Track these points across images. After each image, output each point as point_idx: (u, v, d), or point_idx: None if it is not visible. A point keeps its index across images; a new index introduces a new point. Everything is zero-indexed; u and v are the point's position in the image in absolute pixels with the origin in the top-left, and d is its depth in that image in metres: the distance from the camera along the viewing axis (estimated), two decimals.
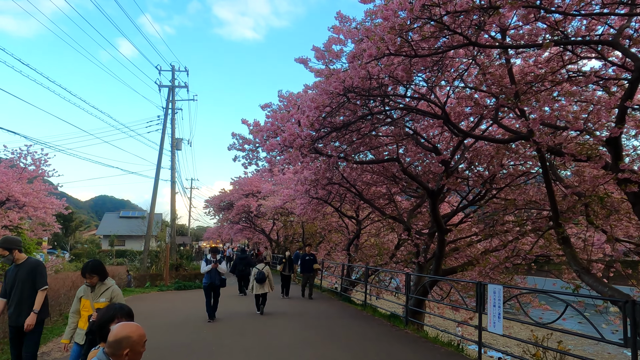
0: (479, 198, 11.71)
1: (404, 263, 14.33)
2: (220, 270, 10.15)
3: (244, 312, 11.75)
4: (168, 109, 27.48)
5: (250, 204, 26.62)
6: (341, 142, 8.38)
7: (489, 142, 10.66)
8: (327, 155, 8.31)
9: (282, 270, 15.12)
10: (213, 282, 10.03)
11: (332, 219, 21.59)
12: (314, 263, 14.41)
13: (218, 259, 10.23)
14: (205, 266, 10.19)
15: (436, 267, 10.91)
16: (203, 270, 10.22)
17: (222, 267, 10.25)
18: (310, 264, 14.30)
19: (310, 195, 15.48)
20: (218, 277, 10.11)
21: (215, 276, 10.07)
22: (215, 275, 10.08)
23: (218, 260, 10.19)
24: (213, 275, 10.06)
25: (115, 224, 44.45)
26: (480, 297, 7.65)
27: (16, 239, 5.28)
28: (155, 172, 25.94)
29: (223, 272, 10.22)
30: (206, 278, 10.15)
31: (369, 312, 12.39)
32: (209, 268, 10.06)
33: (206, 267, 10.13)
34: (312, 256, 14.52)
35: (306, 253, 14.68)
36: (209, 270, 10.07)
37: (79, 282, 12.21)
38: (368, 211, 18.91)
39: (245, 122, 9.12)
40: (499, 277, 10.04)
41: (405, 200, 17.22)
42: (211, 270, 10.06)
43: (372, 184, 14.72)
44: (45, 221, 19.61)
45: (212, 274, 10.06)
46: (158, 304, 13.56)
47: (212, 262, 10.09)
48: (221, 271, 10.18)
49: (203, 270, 10.22)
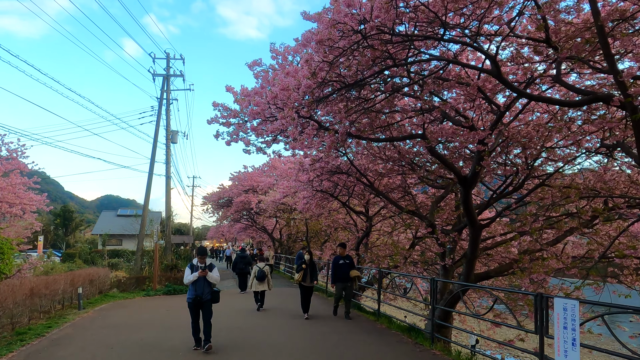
0: (514, 188, 9.70)
1: (422, 265, 12.24)
2: (210, 280, 7.33)
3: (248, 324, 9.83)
4: (163, 99, 25.66)
5: (250, 200, 24.75)
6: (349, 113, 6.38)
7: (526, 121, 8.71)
8: (334, 131, 6.37)
9: (302, 280, 10.59)
10: (199, 296, 7.21)
11: (338, 215, 19.63)
12: (351, 269, 10.51)
13: (208, 264, 7.38)
14: (190, 274, 7.26)
15: (467, 271, 8.93)
16: (187, 280, 7.28)
17: (214, 275, 7.35)
18: (347, 269, 10.43)
19: (313, 187, 13.54)
20: (208, 289, 7.34)
21: (204, 287, 7.28)
22: (203, 286, 7.27)
23: (208, 266, 7.34)
24: (200, 287, 7.24)
25: (112, 222, 42.79)
26: (540, 313, 5.70)
27: None
28: (149, 166, 24.17)
29: (215, 281, 7.42)
30: (191, 291, 7.30)
31: (384, 323, 10.43)
32: (193, 277, 7.17)
33: (190, 276, 7.21)
34: (349, 260, 10.58)
35: (339, 255, 10.66)
36: (194, 280, 7.22)
37: (41, 288, 10.36)
38: (379, 206, 16.96)
39: (230, 89, 7.19)
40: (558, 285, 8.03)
41: (421, 194, 15.22)
42: (197, 279, 7.22)
43: (384, 174, 12.75)
44: (24, 218, 17.88)
45: (199, 285, 7.24)
46: (136, 313, 11.67)
47: (199, 269, 7.21)
48: (212, 281, 7.36)
49: (187, 280, 7.28)
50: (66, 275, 12.51)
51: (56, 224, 59.51)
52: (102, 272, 15.31)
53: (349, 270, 10.46)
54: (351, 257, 10.71)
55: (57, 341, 8.14)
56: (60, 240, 54.12)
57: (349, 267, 10.50)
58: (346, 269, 10.44)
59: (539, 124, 8.61)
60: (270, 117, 6.11)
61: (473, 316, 7.39)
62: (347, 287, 10.49)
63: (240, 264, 16.57)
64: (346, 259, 10.54)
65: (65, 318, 10.50)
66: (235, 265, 16.84)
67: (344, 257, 10.56)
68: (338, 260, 10.58)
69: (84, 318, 10.69)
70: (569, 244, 10.63)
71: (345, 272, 10.42)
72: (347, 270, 10.45)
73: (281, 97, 5.27)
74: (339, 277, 10.47)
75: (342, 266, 10.46)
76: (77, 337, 8.47)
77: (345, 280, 10.45)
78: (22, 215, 17.35)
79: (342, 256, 10.60)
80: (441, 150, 9.23)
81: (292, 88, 5.11)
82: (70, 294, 12.32)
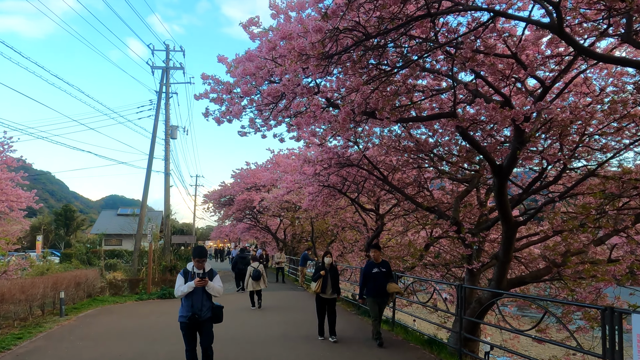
0: (552, 180, 8.47)
1: (442, 269, 10.95)
2: (211, 292, 5.32)
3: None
4: (162, 92, 24.59)
5: (252, 198, 23.57)
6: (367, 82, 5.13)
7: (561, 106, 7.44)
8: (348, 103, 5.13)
9: (321, 291, 8.05)
10: (197, 315, 5.16)
11: (346, 214, 18.41)
12: (389, 280, 7.80)
13: (208, 270, 5.39)
14: (182, 284, 5.22)
15: (499, 276, 7.69)
16: (178, 291, 5.24)
17: (215, 286, 5.35)
18: (384, 281, 7.72)
19: (320, 182, 12.33)
20: (207, 305, 5.30)
21: (202, 302, 5.24)
22: (201, 300, 5.24)
23: (208, 273, 5.36)
24: (198, 301, 5.21)
25: (111, 222, 41.68)
26: (611, 333, 4.50)
27: None
28: (147, 162, 23.04)
29: (217, 293, 5.39)
30: (185, 307, 5.24)
31: (400, 334, 9.20)
32: (187, 288, 5.14)
33: (183, 287, 5.18)
34: (386, 267, 7.88)
35: (372, 261, 7.90)
36: (188, 292, 5.19)
37: (16, 293, 9.24)
38: (390, 204, 15.73)
39: (222, 59, 6.00)
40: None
41: (437, 190, 13.97)
42: (194, 291, 5.19)
43: (398, 167, 11.52)
44: (10, 216, 16.81)
45: (197, 298, 5.21)
46: (123, 321, 10.50)
47: (196, 277, 5.19)
48: (214, 293, 5.35)
49: (178, 291, 5.24)
50: (47, 278, 11.38)
51: (57, 224, 58.74)
52: (91, 274, 14.18)
53: (385, 281, 7.70)
54: (389, 264, 8.03)
55: (22, 357, 6.98)
56: (61, 240, 53.26)
57: (386, 277, 7.76)
58: (382, 280, 7.68)
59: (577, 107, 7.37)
60: (268, 78, 4.89)
61: (515, 332, 6.16)
62: (384, 303, 7.97)
63: (240, 264, 16.45)
64: (382, 267, 7.78)
65: (42, 327, 9.36)
66: (235, 265, 16.84)
67: (379, 264, 7.81)
68: (371, 267, 7.77)
69: (63, 326, 9.54)
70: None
71: (381, 285, 7.66)
72: (383, 281, 7.68)
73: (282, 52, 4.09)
74: (373, 290, 7.70)
75: (376, 276, 7.69)
76: (46, 352, 7.31)
77: (381, 296, 7.73)
78: (8, 213, 16.28)
79: (375, 261, 7.86)
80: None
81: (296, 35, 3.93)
82: (53, 298, 11.19)
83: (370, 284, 7.79)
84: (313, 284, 8.22)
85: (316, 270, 8.40)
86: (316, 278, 8.17)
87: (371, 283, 7.77)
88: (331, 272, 8.26)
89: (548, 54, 6.98)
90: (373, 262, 7.91)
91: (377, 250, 8.09)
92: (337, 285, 8.29)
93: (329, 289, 8.11)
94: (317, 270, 8.37)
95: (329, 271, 8.20)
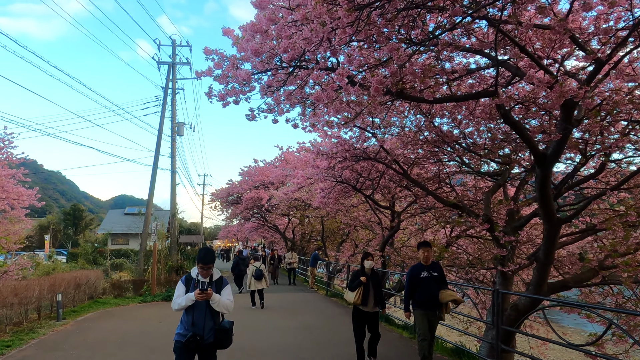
0: (595, 172, 7.59)
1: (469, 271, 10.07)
2: (217, 308, 4.10)
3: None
4: (168, 88, 23.98)
5: (261, 196, 22.83)
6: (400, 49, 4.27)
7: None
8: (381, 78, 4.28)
9: (362, 303, 6.46)
10: (198, 336, 3.99)
11: (358, 212, 17.58)
12: (442, 286, 6.05)
13: (216, 279, 4.21)
14: (182, 295, 4.11)
15: (539, 280, 6.82)
16: (176, 305, 4.09)
17: (224, 301, 4.14)
18: (435, 287, 6.00)
19: (333, 177, 11.54)
20: (211, 324, 4.10)
21: (205, 320, 4.07)
22: (204, 317, 4.07)
23: (216, 283, 4.18)
24: (200, 319, 4.06)
25: (118, 221, 41.26)
26: None
27: None
28: (153, 159, 22.44)
29: (226, 310, 4.16)
30: (183, 324, 4.11)
31: None
32: (186, 301, 4.02)
33: (181, 299, 4.07)
34: (438, 270, 6.16)
35: (420, 263, 6.21)
36: (186, 306, 4.06)
37: (8, 296, 8.58)
38: (406, 202, 14.88)
39: (228, 32, 5.23)
40: None
41: (458, 186, 13.08)
42: (195, 305, 4.05)
43: (417, 162, 10.67)
44: (11, 215, 16.25)
45: (198, 314, 4.06)
46: (123, 326, 9.79)
47: (199, 286, 4.03)
48: (221, 309, 4.14)
49: (176, 305, 4.09)
50: (43, 279, 10.73)
51: (66, 223, 58.64)
52: (93, 275, 13.52)
53: (437, 288, 5.97)
54: (441, 267, 6.30)
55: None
56: (69, 239, 53.10)
57: (438, 282, 6.01)
58: (433, 286, 5.96)
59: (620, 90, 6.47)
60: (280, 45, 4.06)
61: (570, 346, 5.28)
62: (435, 317, 6.06)
63: (241, 266, 16.17)
64: (432, 270, 6.08)
65: (36, 332, 8.67)
66: (236, 267, 16.42)
67: (428, 266, 6.10)
68: (419, 271, 6.09)
69: (59, 332, 8.85)
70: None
71: (433, 293, 5.94)
72: (434, 288, 5.96)
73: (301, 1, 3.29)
74: (422, 300, 6.02)
75: (426, 282, 5.99)
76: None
77: (432, 307, 5.98)
78: (9, 211, 15.70)
79: (425, 264, 6.13)
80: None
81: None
82: (50, 301, 10.54)
83: (418, 293, 6.07)
84: (350, 294, 6.58)
85: (354, 276, 6.73)
86: (355, 286, 6.48)
87: (420, 291, 6.05)
88: (373, 279, 6.59)
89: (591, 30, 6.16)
90: (421, 264, 6.18)
91: (427, 248, 6.21)
92: (381, 295, 6.71)
93: (370, 301, 6.47)
94: (355, 276, 6.70)
95: (370, 277, 6.55)
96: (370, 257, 6.73)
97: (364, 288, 6.45)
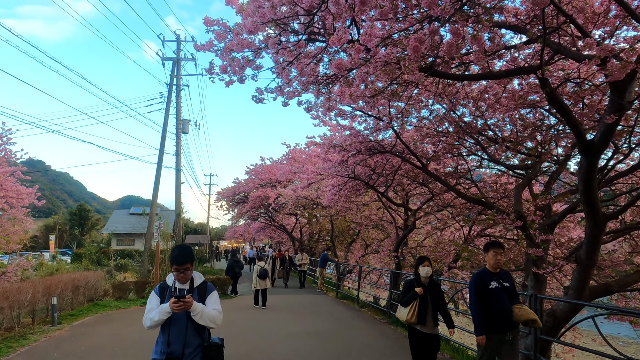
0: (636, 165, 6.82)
1: None
2: (201, 321, 3.08)
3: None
4: (172, 85, 23.44)
5: (268, 194, 22.18)
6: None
7: None
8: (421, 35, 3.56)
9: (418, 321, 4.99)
10: (178, 358, 3.06)
11: (370, 210, 16.86)
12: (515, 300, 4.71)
13: (198, 285, 3.24)
14: (154, 308, 3.14)
15: (581, 284, 6.08)
16: (147, 320, 3.13)
17: (208, 311, 3.12)
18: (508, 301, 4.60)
19: (346, 172, 10.83)
20: (195, 342, 3.14)
21: (186, 336, 3.10)
22: (184, 332, 3.10)
23: (198, 289, 3.23)
24: (178, 334, 3.10)
25: (123, 221, 40.80)
26: None
27: None
28: (158, 157, 21.89)
29: (212, 323, 3.13)
30: (160, 342, 3.14)
31: (447, 351, 7.66)
32: (159, 315, 3.07)
33: (154, 313, 3.10)
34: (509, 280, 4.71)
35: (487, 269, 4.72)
36: (161, 322, 3.09)
37: None
38: (420, 201, 14.14)
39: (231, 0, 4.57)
40: None
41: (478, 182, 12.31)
42: (173, 318, 3.09)
43: (437, 155, 9.93)
44: (11, 214, 15.73)
45: (176, 329, 3.10)
46: (121, 331, 9.15)
47: (177, 294, 3.04)
48: (206, 323, 3.10)
49: (147, 320, 3.13)
50: (37, 281, 10.13)
51: (72, 223, 58.45)
52: (92, 276, 12.93)
53: (510, 302, 4.61)
54: (510, 275, 4.85)
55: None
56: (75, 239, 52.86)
57: (510, 295, 4.65)
58: (505, 299, 4.57)
59: None
60: None
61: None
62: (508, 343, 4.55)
63: (235, 268, 15.99)
64: (503, 279, 4.63)
65: (27, 338, 8.05)
66: (231, 269, 16.07)
67: (496, 275, 4.64)
68: (486, 280, 4.61)
69: (51, 338, 8.23)
70: None
71: (506, 308, 4.55)
72: (507, 302, 4.57)
73: None
74: (495, 320, 4.53)
75: (496, 295, 4.55)
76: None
77: (504, 328, 4.51)
78: (9, 210, 15.19)
79: (493, 272, 4.66)
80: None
81: None
82: (46, 304, 9.94)
83: (491, 309, 4.51)
84: (402, 310, 5.13)
85: (406, 287, 5.26)
86: (408, 299, 5.08)
87: (490, 307, 4.51)
88: (431, 290, 5.15)
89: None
90: (487, 270, 4.67)
91: (499, 250, 4.62)
92: (445, 311, 5.19)
93: (429, 319, 5.03)
94: (407, 287, 5.24)
95: (428, 288, 5.13)
96: (427, 261, 5.26)
97: (420, 302, 5.01)
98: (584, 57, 4.67)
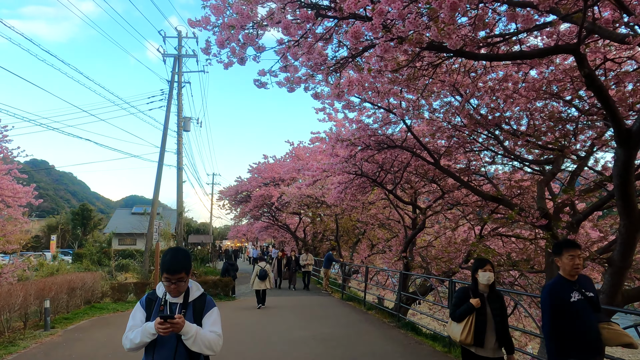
0: None
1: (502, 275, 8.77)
2: (194, 347, 2.42)
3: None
4: (174, 81, 23.00)
5: (271, 193, 21.69)
6: None
7: None
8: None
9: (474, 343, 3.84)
10: None
11: (376, 209, 16.34)
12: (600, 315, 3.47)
13: (194, 298, 2.60)
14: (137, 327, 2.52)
15: (614, 287, 5.55)
16: (126, 341, 2.51)
17: (203, 334, 2.45)
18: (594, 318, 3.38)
19: (353, 169, 10.33)
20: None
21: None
22: (173, 355, 2.45)
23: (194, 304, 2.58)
24: (166, 356, 2.45)
25: (125, 221, 40.43)
26: None
27: None
28: (159, 155, 21.44)
29: (209, 350, 2.47)
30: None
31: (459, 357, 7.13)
32: (142, 337, 2.44)
33: (136, 333, 2.46)
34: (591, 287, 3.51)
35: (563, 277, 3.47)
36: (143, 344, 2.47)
37: None
38: (428, 199, 13.62)
39: None
40: None
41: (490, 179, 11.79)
42: (159, 340, 2.44)
43: (450, 151, 9.41)
44: (9, 214, 15.32)
45: (165, 351, 2.45)
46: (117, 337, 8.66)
47: (163, 314, 2.45)
48: (201, 350, 2.44)
49: (126, 341, 2.51)
50: (30, 284, 9.67)
51: (74, 223, 58.18)
52: (89, 278, 12.48)
53: (596, 319, 3.41)
54: (592, 283, 3.60)
55: None
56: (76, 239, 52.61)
57: (595, 308, 3.44)
58: (591, 315, 3.39)
59: None
60: None
61: None
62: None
63: (231, 271, 15.83)
64: (585, 288, 3.45)
65: (16, 345, 7.58)
66: (226, 272, 15.85)
67: (573, 283, 3.44)
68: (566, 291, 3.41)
69: (42, 344, 7.76)
70: None
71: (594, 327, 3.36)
72: (594, 318, 3.39)
73: None
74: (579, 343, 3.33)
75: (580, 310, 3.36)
76: None
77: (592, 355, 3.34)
78: (4, 208, 14.77)
79: (571, 279, 3.45)
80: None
81: None
82: (39, 307, 9.49)
83: (570, 328, 3.34)
84: (455, 327, 4.00)
85: (459, 297, 4.06)
86: (462, 313, 3.93)
87: (574, 327, 3.34)
88: (492, 303, 3.96)
89: None
90: (564, 279, 3.48)
91: (577, 251, 3.45)
92: (507, 330, 3.98)
93: (490, 340, 3.86)
94: (461, 296, 4.05)
95: (488, 301, 3.96)
96: (489, 265, 4.00)
97: (477, 317, 3.85)
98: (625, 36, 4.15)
